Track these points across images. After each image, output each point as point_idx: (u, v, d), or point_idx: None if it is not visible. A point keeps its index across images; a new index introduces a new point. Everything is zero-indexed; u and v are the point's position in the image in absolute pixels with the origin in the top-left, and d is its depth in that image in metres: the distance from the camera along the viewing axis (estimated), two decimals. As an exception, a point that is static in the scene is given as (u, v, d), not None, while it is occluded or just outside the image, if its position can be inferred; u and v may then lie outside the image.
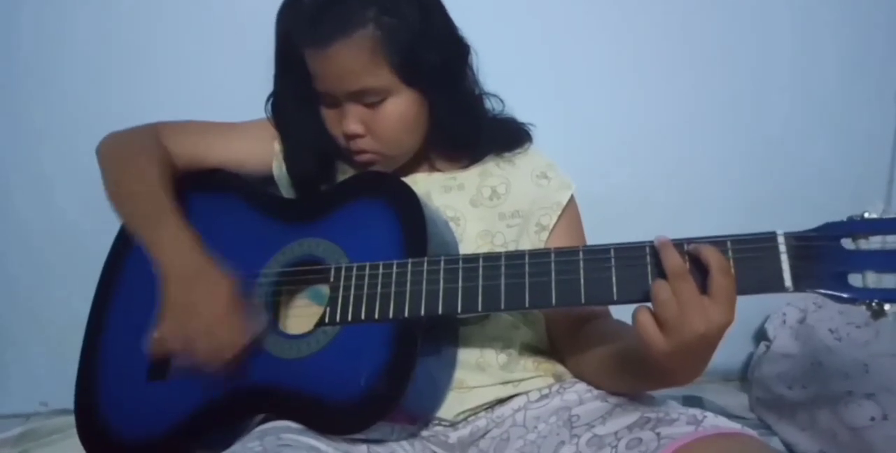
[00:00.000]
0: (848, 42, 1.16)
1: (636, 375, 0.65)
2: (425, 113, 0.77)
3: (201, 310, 0.68)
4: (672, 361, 0.56)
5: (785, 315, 1.16)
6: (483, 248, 0.77)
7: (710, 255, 0.55)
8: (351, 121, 0.74)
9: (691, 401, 1.11)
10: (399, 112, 0.75)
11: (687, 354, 0.56)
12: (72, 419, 0.77)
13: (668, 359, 0.56)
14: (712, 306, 0.54)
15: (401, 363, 0.64)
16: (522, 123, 0.85)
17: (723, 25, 1.14)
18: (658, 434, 0.59)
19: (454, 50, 0.78)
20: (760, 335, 1.19)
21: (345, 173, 0.83)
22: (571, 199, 0.82)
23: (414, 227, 0.69)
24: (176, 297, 0.69)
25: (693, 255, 0.56)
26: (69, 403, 0.77)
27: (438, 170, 0.83)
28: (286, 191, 0.85)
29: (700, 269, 0.56)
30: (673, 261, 0.56)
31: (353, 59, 0.71)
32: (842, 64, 1.17)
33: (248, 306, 0.70)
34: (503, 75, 0.82)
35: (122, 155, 0.82)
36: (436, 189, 0.81)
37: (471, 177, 0.82)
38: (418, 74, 0.74)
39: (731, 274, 0.54)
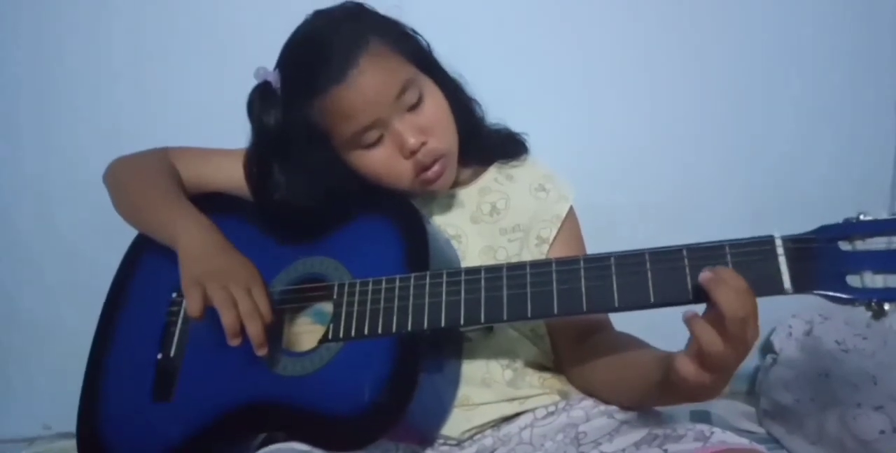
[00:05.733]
0: (849, 50, 1.18)
1: (655, 390, 0.63)
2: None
3: (233, 264, 0.71)
4: (710, 387, 0.56)
5: (791, 327, 1.15)
6: (486, 264, 0.77)
7: (727, 277, 0.54)
8: (410, 134, 0.72)
9: (699, 416, 1.10)
10: (437, 101, 0.75)
11: (724, 378, 0.56)
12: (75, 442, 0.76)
13: (707, 389, 0.56)
14: (748, 328, 0.54)
15: (404, 376, 0.64)
16: (517, 133, 0.86)
17: (725, 33, 1.16)
18: (665, 451, 0.58)
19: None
20: (767, 347, 1.18)
21: None
22: (570, 211, 0.83)
23: (416, 243, 0.70)
24: (202, 259, 0.71)
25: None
26: (73, 426, 0.77)
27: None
28: None
29: None
30: (707, 335, 0.54)
31: (383, 63, 0.71)
32: (843, 72, 1.18)
33: None
34: (507, 82, 0.83)
35: (131, 170, 0.84)
36: (435, 207, 0.81)
37: (470, 194, 0.83)
38: (429, 61, 0.77)
39: (751, 291, 0.54)
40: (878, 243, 0.53)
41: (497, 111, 0.86)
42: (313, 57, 0.72)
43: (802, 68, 1.18)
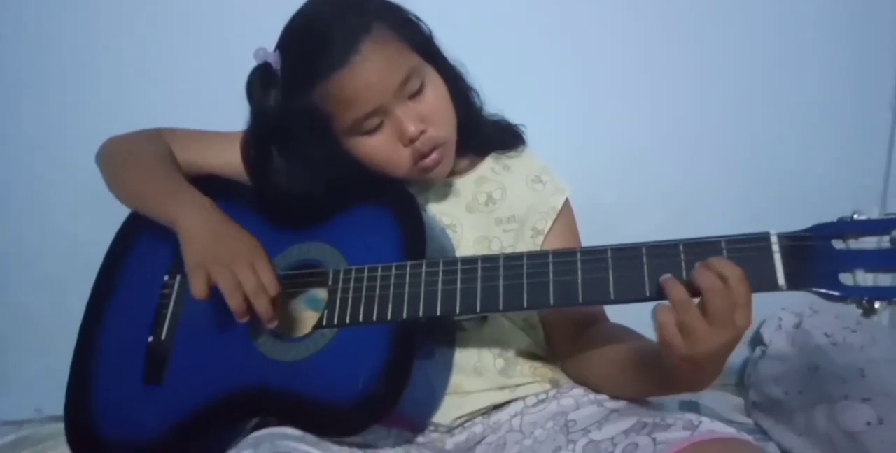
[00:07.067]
0: (846, 52, 1.18)
1: (649, 378, 0.65)
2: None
3: (234, 240, 0.71)
4: (692, 365, 0.57)
5: (781, 319, 1.16)
6: (481, 254, 0.77)
7: (725, 267, 0.55)
8: (410, 122, 0.72)
9: (688, 406, 1.10)
10: (439, 90, 0.75)
11: (708, 359, 0.57)
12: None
13: (688, 363, 0.57)
14: (738, 313, 0.54)
15: (399, 363, 0.64)
16: (515, 125, 0.86)
17: (725, 34, 1.16)
18: (654, 439, 0.59)
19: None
20: (756, 339, 1.19)
21: None
22: (566, 203, 0.83)
23: (413, 232, 0.70)
24: (204, 240, 0.71)
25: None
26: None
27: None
28: None
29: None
30: (696, 282, 0.55)
31: (386, 50, 0.71)
32: (839, 73, 1.19)
33: None
34: (504, 76, 0.83)
35: (125, 151, 0.84)
36: (431, 196, 0.81)
37: (467, 183, 0.82)
38: (431, 49, 0.76)
39: (747, 281, 0.55)
40: (870, 242, 0.54)
41: (496, 107, 0.85)
42: (315, 41, 0.71)
43: (800, 69, 1.19)
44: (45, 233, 1.16)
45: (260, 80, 0.75)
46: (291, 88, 0.73)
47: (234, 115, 0.82)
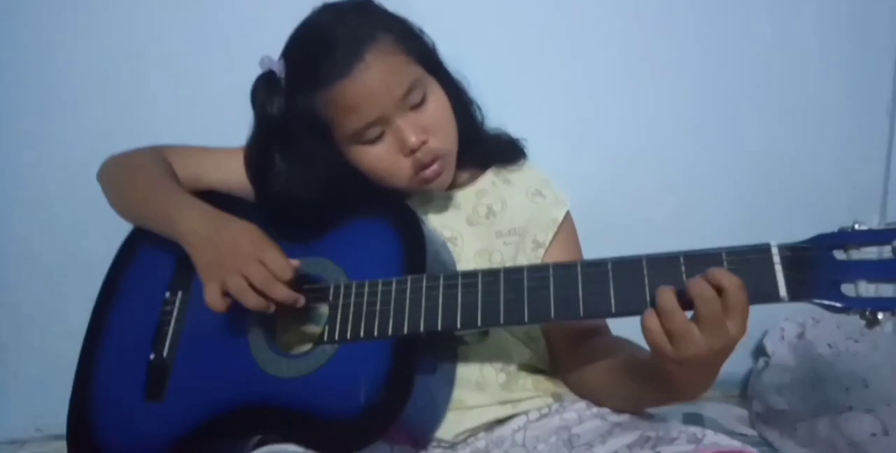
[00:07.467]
0: (843, 52, 1.19)
1: (645, 385, 0.65)
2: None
3: (236, 239, 0.70)
4: (684, 370, 0.57)
5: (783, 330, 1.16)
6: (481, 267, 0.77)
7: (723, 276, 0.55)
8: (412, 133, 0.72)
9: (691, 418, 1.10)
10: (441, 101, 0.75)
11: (700, 365, 0.56)
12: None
13: (680, 368, 0.57)
14: (731, 322, 0.54)
15: (400, 379, 0.64)
16: (516, 139, 0.87)
17: (723, 35, 1.16)
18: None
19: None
20: (759, 350, 1.19)
21: None
22: (567, 216, 0.83)
23: (413, 246, 0.70)
24: (208, 244, 0.70)
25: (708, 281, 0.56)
26: (65, 429, 0.76)
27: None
28: None
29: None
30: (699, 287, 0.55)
31: (389, 60, 0.71)
32: (837, 73, 1.19)
33: None
34: (504, 75, 0.83)
35: (125, 167, 0.84)
36: (432, 209, 0.82)
37: (467, 196, 0.83)
38: (434, 61, 0.77)
39: (745, 290, 0.54)
40: (871, 252, 0.54)
41: (495, 113, 0.86)
42: (319, 49, 0.72)
43: (800, 71, 1.19)
44: (45, 234, 1.15)
45: (264, 88, 0.75)
46: (294, 95, 0.74)
47: (237, 118, 0.82)
